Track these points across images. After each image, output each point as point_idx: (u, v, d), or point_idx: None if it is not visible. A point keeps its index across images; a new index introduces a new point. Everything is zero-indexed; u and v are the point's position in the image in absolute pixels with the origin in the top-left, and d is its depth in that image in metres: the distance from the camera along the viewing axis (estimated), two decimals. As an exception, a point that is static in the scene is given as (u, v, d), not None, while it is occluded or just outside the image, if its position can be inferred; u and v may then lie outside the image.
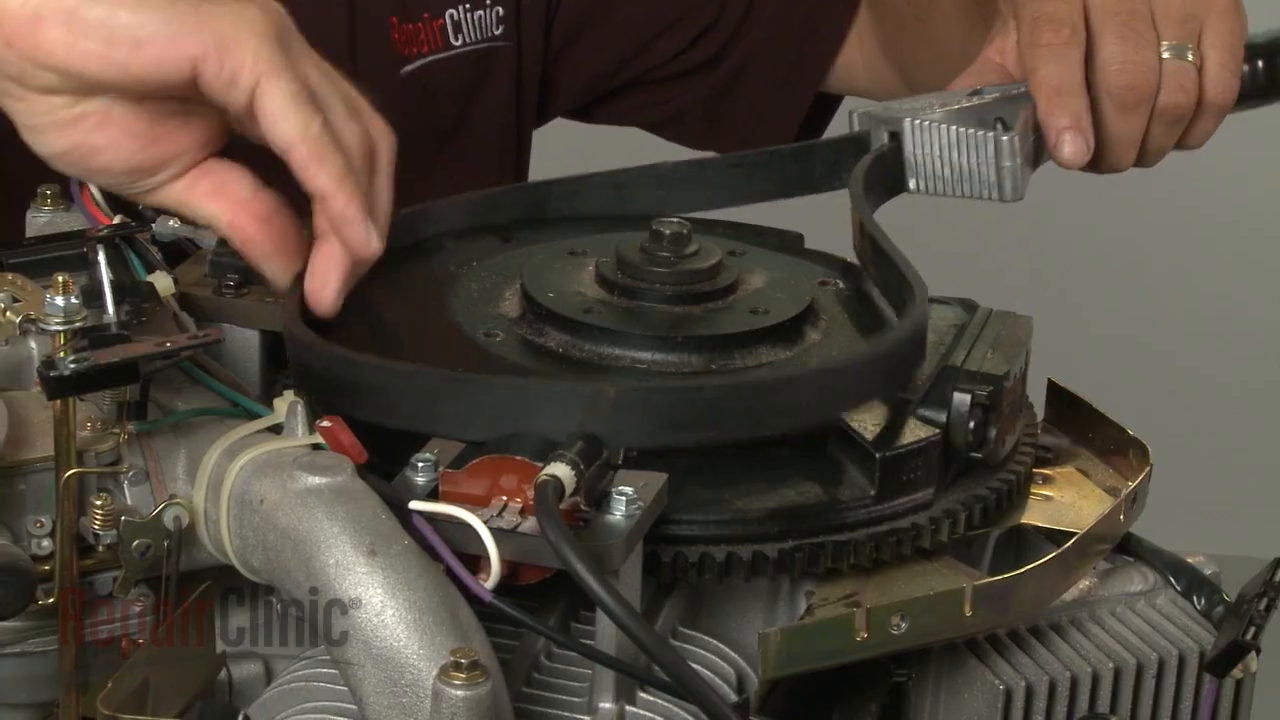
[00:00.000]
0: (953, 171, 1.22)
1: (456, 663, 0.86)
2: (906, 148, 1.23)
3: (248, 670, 1.02)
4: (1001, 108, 1.24)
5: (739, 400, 0.97)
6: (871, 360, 1.02)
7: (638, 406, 0.96)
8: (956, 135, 1.21)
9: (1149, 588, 1.07)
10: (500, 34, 1.58)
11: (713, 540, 0.98)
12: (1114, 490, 1.10)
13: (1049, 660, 1.02)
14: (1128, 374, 3.13)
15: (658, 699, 0.95)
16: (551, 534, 0.89)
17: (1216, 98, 1.27)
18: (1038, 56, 1.24)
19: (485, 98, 1.59)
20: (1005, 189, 1.22)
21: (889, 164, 1.22)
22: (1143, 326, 3.33)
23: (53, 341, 0.95)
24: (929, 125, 1.22)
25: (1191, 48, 1.26)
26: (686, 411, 0.97)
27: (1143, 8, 1.25)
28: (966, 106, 1.24)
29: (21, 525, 0.97)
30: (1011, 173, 1.21)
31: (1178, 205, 3.17)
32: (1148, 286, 3.32)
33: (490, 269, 1.14)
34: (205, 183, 1.05)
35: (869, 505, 1.00)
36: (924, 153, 1.22)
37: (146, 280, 1.09)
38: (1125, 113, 1.24)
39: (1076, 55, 1.23)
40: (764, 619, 1.03)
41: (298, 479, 0.92)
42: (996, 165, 1.21)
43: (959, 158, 1.22)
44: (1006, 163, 1.21)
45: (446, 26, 1.56)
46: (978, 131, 1.21)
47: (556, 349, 1.07)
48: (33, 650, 0.98)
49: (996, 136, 1.21)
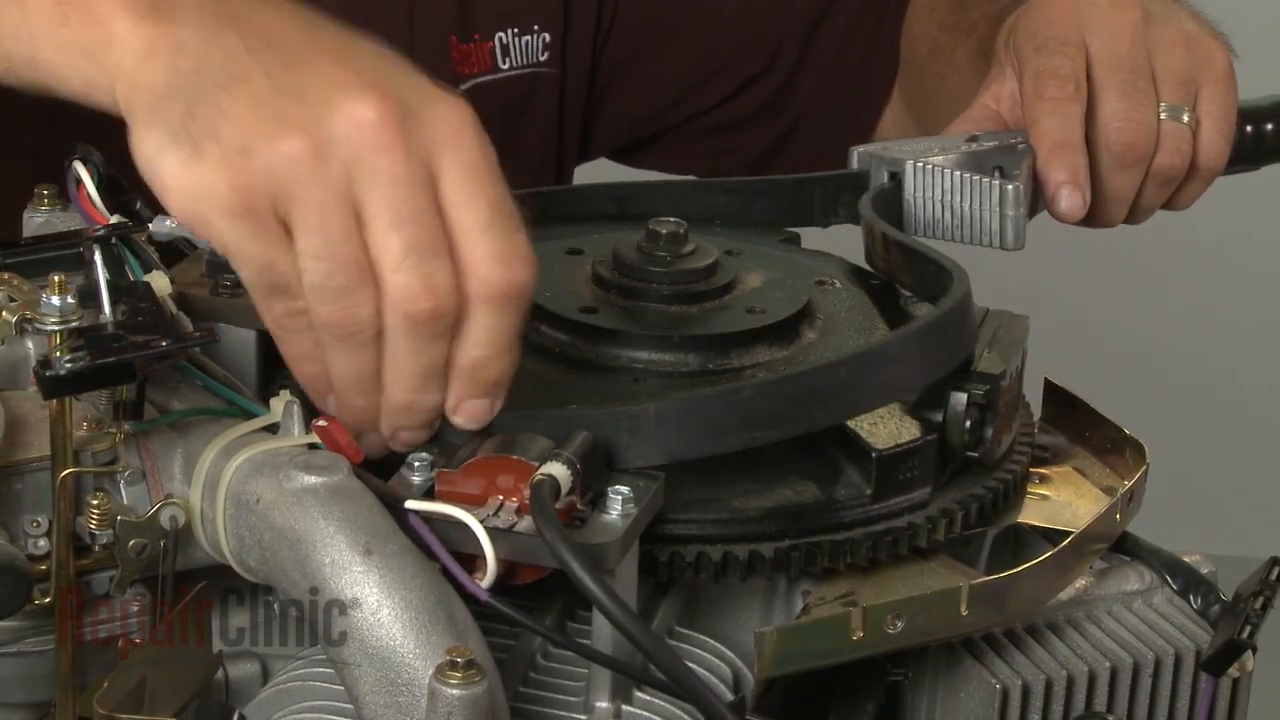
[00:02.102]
0: (953, 216, 1.23)
1: (452, 662, 0.86)
2: (907, 189, 1.23)
3: (244, 670, 1.02)
4: (1000, 156, 1.25)
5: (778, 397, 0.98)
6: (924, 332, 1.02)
7: (679, 419, 0.96)
8: (959, 180, 1.22)
9: (1145, 587, 1.07)
10: (545, 60, 1.57)
11: (709, 539, 0.98)
12: (1110, 489, 1.10)
13: (1045, 659, 1.02)
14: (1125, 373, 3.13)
15: (654, 698, 0.95)
16: (547, 533, 0.89)
17: (1209, 162, 1.29)
18: (1041, 110, 1.24)
19: (528, 124, 1.57)
20: (1007, 237, 1.22)
21: (889, 201, 1.22)
22: (1140, 325, 3.33)
23: (49, 341, 0.95)
24: (931, 169, 1.22)
25: (1188, 110, 1.27)
26: (728, 417, 0.97)
27: (1144, 67, 1.26)
28: (966, 152, 1.25)
29: (18, 525, 0.97)
30: (1015, 221, 1.22)
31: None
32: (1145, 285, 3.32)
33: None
34: None
35: (865, 504, 1.00)
36: (925, 195, 1.23)
37: (143, 280, 1.09)
38: (1123, 170, 1.26)
39: (1078, 111, 1.24)
40: (760, 618, 1.03)
41: (294, 478, 0.92)
42: (1000, 213, 1.22)
43: (961, 202, 1.22)
44: (1010, 211, 1.22)
45: (495, 49, 1.55)
46: (983, 178, 1.22)
47: (554, 349, 1.07)
48: (29, 650, 0.98)
49: (1002, 185, 1.21)
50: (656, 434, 0.96)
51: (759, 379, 1.00)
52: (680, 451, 0.96)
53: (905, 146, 1.25)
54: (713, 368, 1.06)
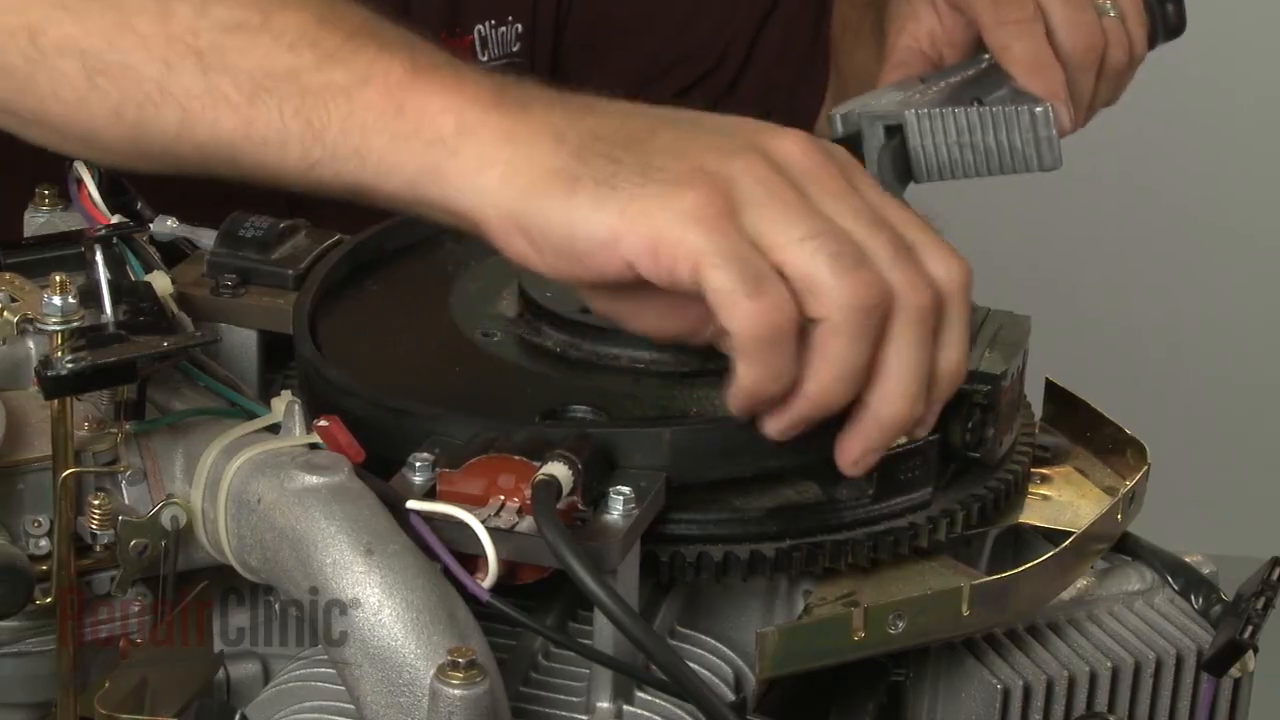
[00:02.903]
0: (975, 152, 1.22)
1: (454, 662, 0.86)
2: (912, 139, 1.23)
3: (245, 670, 1.02)
4: (974, 88, 1.25)
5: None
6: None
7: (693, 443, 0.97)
8: (978, 116, 1.22)
9: (1147, 587, 1.07)
10: (517, 51, 1.58)
11: (710, 540, 0.98)
12: (1112, 489, 1.10)
13: (1047, 659, 1.02)
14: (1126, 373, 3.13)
15: (655, 698, 0.95)
16: (549, 534, 0.89)
17: (1140, 50, 1.31)
18: (1008, 34, 1.26)
19: None
20: (1045, 159, 1.22)
21: (895, 157, 1.22)
22: (1141, 325, 3.32)
23: (50, 341, 0.95)
24: (940, 113, 1.22)
25: (1113, 5, 1.30)
26: (741, 443, 0.97)
27: None
28: (939, 91, 1.25)
29: (19, 525, 0.97)
30: (1050, 142, 1.22)
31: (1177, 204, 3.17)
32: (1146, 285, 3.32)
33: (488, 269, 1.14)
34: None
35: (867, 504, 1.00)
36: (937, 140, 1.22)
37: (144, 280, 1.09)
38: (1083, 73, 1.28)
39: (1042, 29, 1.26)
40: (761, 618, 1.03)
41: (295, 478, 0.92)
42: (1035, 136, 1.22)
43: (984, 137, 1.22)
44: (1044, 133, 1.22)
45: (476, 42, 1.56)
46: (1004, 108, 1.22)
47: (554, 348, 1.07)
48: (31, 650, 0.98)
49: (1031, 109, 1.21)
50: (668, 456, 0.96)
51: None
52: (689, 474, 0.97)
53: (879, 100, 1.24)
54: (712, 367, 1.06)
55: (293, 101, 0.95)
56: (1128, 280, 3.32)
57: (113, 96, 0.98)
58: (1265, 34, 3.12)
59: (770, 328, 0.89)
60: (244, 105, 0.96)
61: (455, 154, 0.93)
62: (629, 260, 0.91)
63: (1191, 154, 3.11)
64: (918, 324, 0.92)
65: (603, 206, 0.91)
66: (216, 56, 0.96)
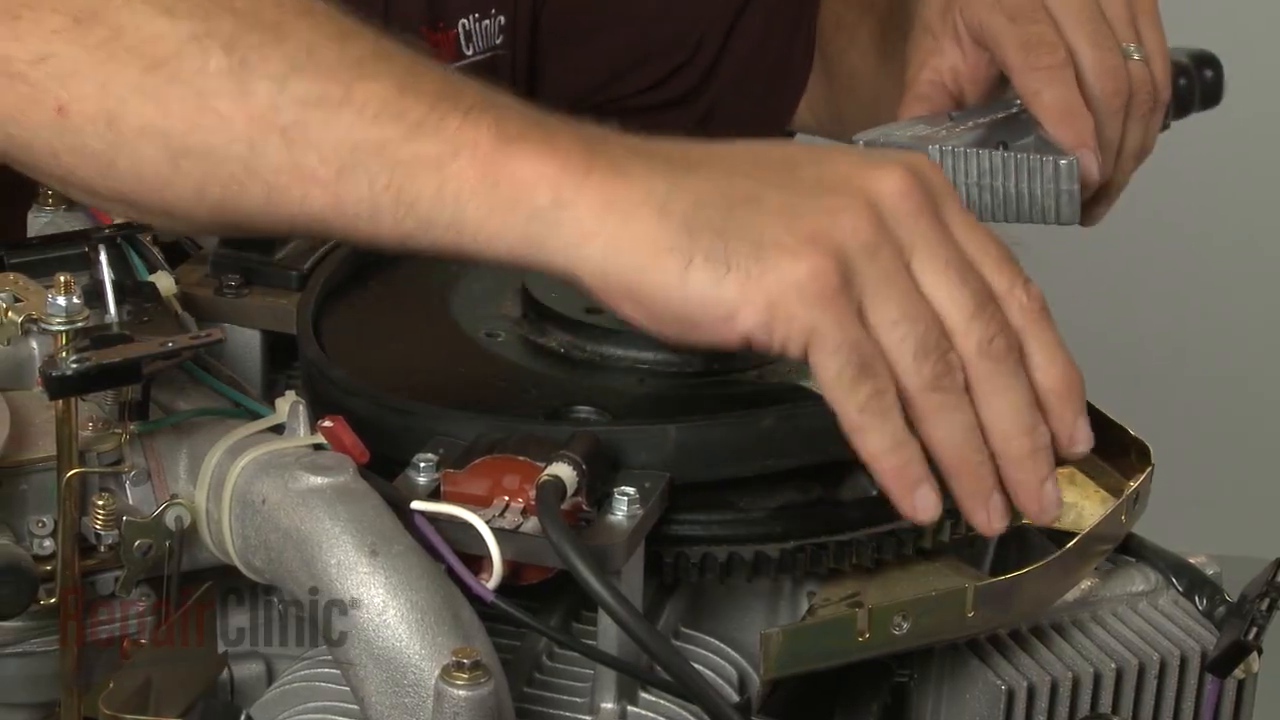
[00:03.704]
0: (994, 196, 1.21)
1: (459, 663, 0.86)
2: None
3: (250, 670, 1.02)
4: (1001, 132, 1.24)
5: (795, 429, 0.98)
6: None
7: (697, 442, 0.97)
8: (1002, 160, 1.21)
9: (1151, 588, 1.07)
10: (500, 43, 1.59)
11: (715, 540, 0.98)
12: (1116, 491, 1.09)
13: (1051, 660, 1.02)
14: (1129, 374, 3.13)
15: (659, 699, 0.95)
16: (553, 534, 0.89)
17: (1164, 95, 1.30)
18: (1039, 80, 1.25)
19: None
20: (1063, 213, 1.22)
21: None
22: (1144, 327, 3.32)
23: (54, 341, 0.95)
24: (965, 152, 1.21)
25: (1138, 48, 1.29)
26: (745, 444, 0.97)
27: (1100, 13, 1.28)
28: (976, 129, 1.24)
29: (23, 525, 0.97)
30: (1070, 195, 1.21)
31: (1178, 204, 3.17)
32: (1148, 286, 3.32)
33: (491, 269, 1.14)
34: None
35: (871, 505, 1.00)
36: (957, 179, 1.21)
37: (148, 280, 1.09)
38: (1110, 117, 1.27)
39: (1072, 75, 1.25)
40: (766, 619, 1.03)
41: (299, 479, 0.92)
42: (1056, 189, 1.21)
43: (1005, 182, 1.21)
44: (1065, 186, 1.21)
45: (460, 36, 1.56)
46: (1029, 156, 1.21)
47: (558, 349, 1.07)
48: (34, 650, 0.98)
49: (1055, 160, 1.21)
50: (673, 455, 0.96)
51: (778, 408, 0.99)
52: (692, 473, 0.97)
53: (899, 131, 1.24)
54: (717, 368, 1.06)
55: (383, 176, 0.94)
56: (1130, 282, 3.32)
57: (196, 177, 0.97)
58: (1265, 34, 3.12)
59: (871, 413, 0.92)
60: (332, 181, 0.95)
61: (555, 227, 0.93)
62: (744, 334, 0.92)
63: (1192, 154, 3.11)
64: (1002, 370, 0.94)
65: (719, 284, 0.91)
66: (300, 133, 0.95)
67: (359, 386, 1.02)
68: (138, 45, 0.96)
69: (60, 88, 0.97)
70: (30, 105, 0.97)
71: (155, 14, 0.97)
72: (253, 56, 0.96)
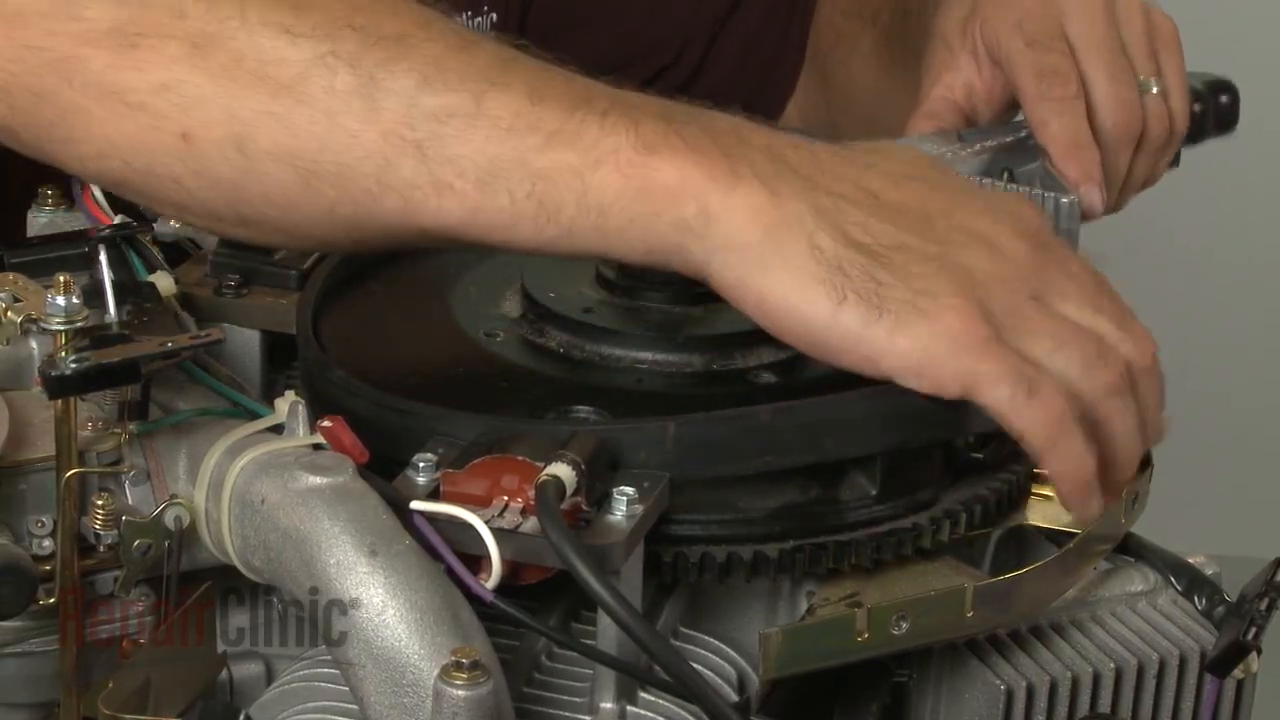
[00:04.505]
0: None
1: (458, 663, 0.86)
2: None
3: (249, 670, 1.02)
4: (1007, 157, 1.24)
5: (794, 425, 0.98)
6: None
7: (695, 439, 0.97)
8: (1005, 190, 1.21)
9: (1150, 588, 1.07)
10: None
11: (714, 540, 0.98)
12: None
13: (1050, 660, 1.02)
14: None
15: (659, 699, 0.95)
16: (552, 534, 0.89)
17: (1180, 128, 1.31)
18: (1049, 110, 1.25)
19: None
20: None
21: None
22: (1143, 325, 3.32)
23: (54, 341, 0.95)
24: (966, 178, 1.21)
25: (1155, 80, 1.29)
26: (744, 441, 0.97)
27: (1119, 45, 1.28)
28: (983, 152, 1.24)
29: (22, 525, 0.97)
30: (1070, 235, 1.21)
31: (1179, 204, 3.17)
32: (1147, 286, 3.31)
33: (491, 269, 1.14)
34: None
35: (870, 505, 1.00)
36: None
37: (148, 280, 1.09)
38: (1118, 150, 1.27)
39: (1083, 107, 1.25)
40: (765, 619, 1.03)
41: (299, 479, 0.92)
42: (1055, 228, 1.21)
43: None
44: (1065, 225, 1.21)
45: None
46: (1031, 189, 1.21)
47: (557, 349, 1.07)
48: (34, 650, 0.98)
49: (1057, 199, 1.21)
50: (672, 451, 0.96)
51: (776, 405, 0.99)
52: (692, 470, 0.97)
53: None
54: (717, 368, 1.06)
55: (524, 186, 0.95)
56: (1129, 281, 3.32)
57: (328, 195, 0.97)
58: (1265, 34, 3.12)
59: (1054, 422, 0.95)
60: (472, 192, 0.95)
61: (701, 238, 0.95)
62: (887, 373, 0.95)
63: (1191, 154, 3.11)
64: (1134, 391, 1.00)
65: (870, 325, 0.94)
66: (436, 146, 0.95)
67: (358, 386, 1.02)
68: (261, 68, 0.96)
69: (184, 115, 0.96)
70: (152, 134, 0.97)
71: (275, 35, 0.96)
72: (380, 73, 0.95)
